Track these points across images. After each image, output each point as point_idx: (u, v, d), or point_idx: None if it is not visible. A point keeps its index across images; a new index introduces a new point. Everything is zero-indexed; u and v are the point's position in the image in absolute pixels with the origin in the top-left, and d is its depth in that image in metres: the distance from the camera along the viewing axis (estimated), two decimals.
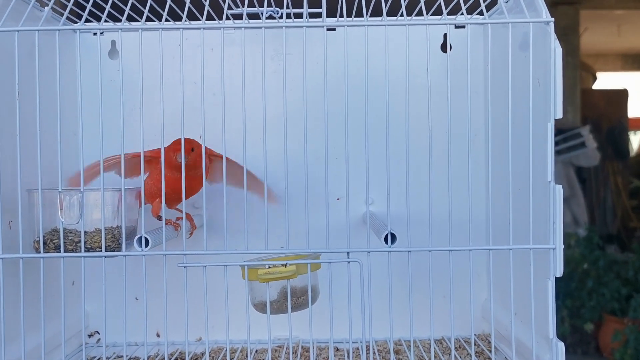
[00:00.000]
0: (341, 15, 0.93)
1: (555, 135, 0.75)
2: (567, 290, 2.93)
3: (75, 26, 0.83)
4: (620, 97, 4.65)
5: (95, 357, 0.99)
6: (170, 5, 0.84)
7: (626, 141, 4.44)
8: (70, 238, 0.78)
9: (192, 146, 0.86)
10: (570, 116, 3.90)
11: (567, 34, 3.97)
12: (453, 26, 1.01)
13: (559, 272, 0.74)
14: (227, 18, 0.88)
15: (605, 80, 5.66)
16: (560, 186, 0.74)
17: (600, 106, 4.38)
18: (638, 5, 4.32)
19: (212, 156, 0.91)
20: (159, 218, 0.86)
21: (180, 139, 0.80)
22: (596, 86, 5.18)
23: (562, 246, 0.74)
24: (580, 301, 2.93)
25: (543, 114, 0.76)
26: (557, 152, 3.57)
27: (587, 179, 3.99)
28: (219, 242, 0.80)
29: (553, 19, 0.74)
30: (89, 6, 0.82)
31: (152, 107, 0.86)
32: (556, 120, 0.74)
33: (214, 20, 0.93)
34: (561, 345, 0.74)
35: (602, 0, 4.33)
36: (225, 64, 0.80)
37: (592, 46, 5.16)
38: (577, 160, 3.75)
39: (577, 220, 3.67)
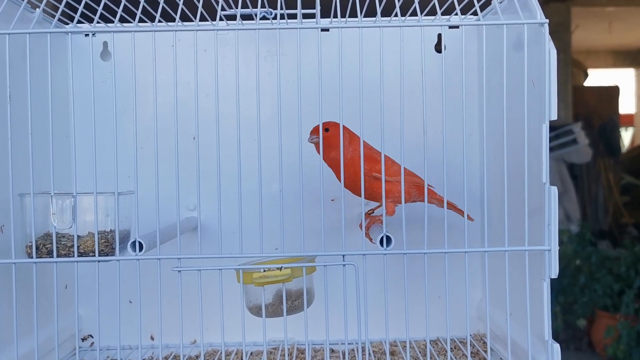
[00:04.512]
0: (335, 16, 0.93)
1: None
2: (560, 287, 2.95)
3: (67, 28, 0.83)
4: (611, 93, 4.67)
5: None
6: (162, 6, 0.83)
7: (617, 138, 4.45)
8: (63, 242, 0.77)
9: (327, 127, 0.85)
10: (562, 113, 3.91)
11: (559, 31, 3.98)
12: (447, 27, 1.00)
13: (554, 273, 0.74)
14: (221, 19, 0.87)
15: (597, 77, 5.68)
16: (556, 187, 0.74)
17: (591, 103, 4.40)
18: (629, 2, 4.33)
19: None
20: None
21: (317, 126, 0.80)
22: (588, 83, 5.20)
23: (557, 247, 0.74)
24: (572, 297, 2.95)
25: (538, 115, 0.76)
26: (549, 149, 3.56)
27: (579, 175, 4.00)
28: (214, 244, 0.80)
29: (547, 21, 0.74)
30: (80, 8, 0.82)
31: (144, 108, 0.85)
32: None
33: (207, 21, 0.92)
34: (557, 347, 0.74)
35: None
36: (218, 64, 0.79)
37: (584, 43, 5.18)
38: (569, 156, 3.76)
39: (569, 217, 3.68)
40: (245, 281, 0.79)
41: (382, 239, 0.76)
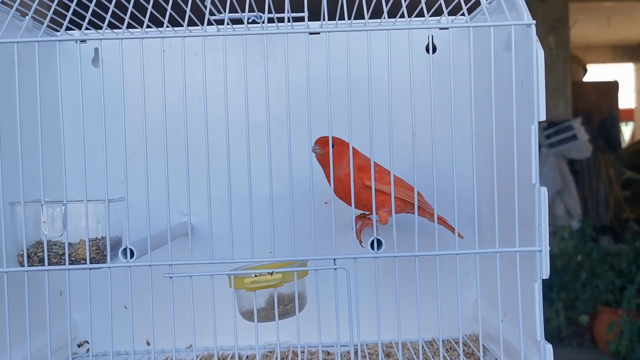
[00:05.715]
0: (324, 19, 0.93)
1: (547, 128, 0.75)
2: (562, 283, 2.94)
3: (56, 36, 0.83)
4: (610, 89, 4.66)
5: None
6: (151, 11, 0.83)
7: (617, 133, 4.45)
8: (54, 250, 0.77)
9: (333, 143, 0.84)
10: (562, 109, 3.90)
11: (557, 26, 3.97)
12: (437, 28, 1.00)
13: (546, 274, 0.74)
14: (210, 23, 0.87)
15: (596, 72, 5.68)
16: (545, 188, 0.74)
17: (591, 98, 4.39)
18: None
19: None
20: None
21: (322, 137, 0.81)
22: (587, 78, 5.19)
23: (548, 248, 0.74)
24: (574, 293, 2.94)
25: (527, 115, 0.76)
26: (549, 145, 3.57)
27: (580, 171, 4.00)
28: (206, 249, 0.80)
29: (534, 22, 0.74)
30: (69, 15, 0.82)
31: (138, 114, 0.85)
32: (547, 113, 0.74)
33: (197, 25, 0.92)
34: (549, 347, 0.74)
35: None
36: (211, 69, 0.79)
37: (582, 38, 5.17)
38: (569, 152, 3.76)
39: (570, 213, 3.68)
40: (237, 286, 0.79)
41: (372, 242, 0.76)
